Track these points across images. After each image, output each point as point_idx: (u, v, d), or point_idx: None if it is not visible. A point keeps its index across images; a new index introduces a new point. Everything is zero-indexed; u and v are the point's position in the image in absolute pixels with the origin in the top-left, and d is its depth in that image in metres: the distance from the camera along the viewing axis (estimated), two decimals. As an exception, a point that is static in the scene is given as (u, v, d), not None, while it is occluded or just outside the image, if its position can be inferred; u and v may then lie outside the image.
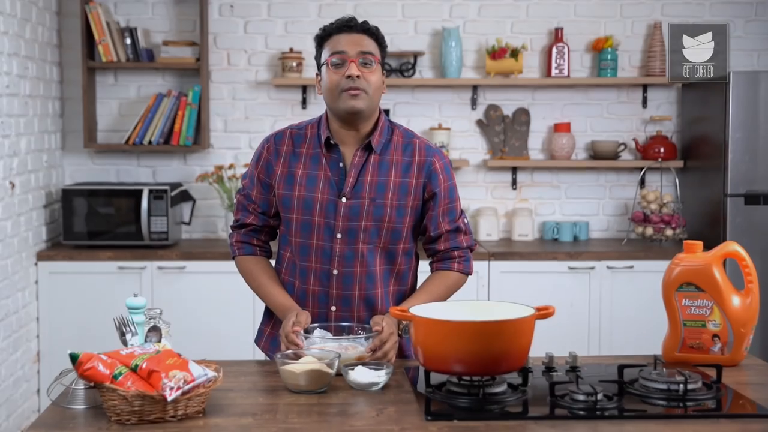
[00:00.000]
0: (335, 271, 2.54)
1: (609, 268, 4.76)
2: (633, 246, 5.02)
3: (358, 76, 2.44)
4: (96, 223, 4.81)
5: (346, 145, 2.54)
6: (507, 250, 4.85)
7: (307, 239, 2.55)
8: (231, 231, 2.70)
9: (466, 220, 2.64)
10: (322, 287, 2.55)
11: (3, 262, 4.22)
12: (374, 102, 2.50)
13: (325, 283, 2.55)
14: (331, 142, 2.53)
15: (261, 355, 2.75)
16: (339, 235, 2.52)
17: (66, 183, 5.13)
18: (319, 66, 2.56)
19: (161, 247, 4.78)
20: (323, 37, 2.54)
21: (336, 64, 2.47)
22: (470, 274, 2.67)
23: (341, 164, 2.53)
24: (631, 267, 4.76)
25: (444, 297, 2.58)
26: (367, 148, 2.54)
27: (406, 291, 2.63)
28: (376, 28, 2.55)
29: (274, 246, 2.71)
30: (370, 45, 2.50)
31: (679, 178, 5.18)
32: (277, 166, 2.57)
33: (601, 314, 4.77)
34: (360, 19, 2.53)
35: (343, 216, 2.51)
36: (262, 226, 2.65)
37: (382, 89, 2.53)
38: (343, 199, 2.51)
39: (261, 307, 2.74)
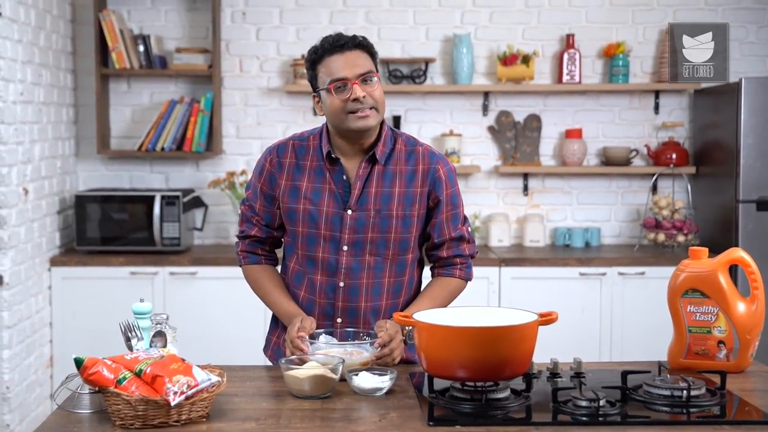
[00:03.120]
0: (341, 284, 2.54)
1: (620, 274, 4.75)
2: (645, 252, 5.01)
3: (364, 97, 2.43)
4: (109, 229, 4.84)
5: (348, 157, 2.54)
6: (518, 256, 4.85)
7: (313, 252, 2.55)
8: (237, 240, 2.71)
9: (469, 228, 2.65)
10: (328, 300, 2.56)
11: (17, 267, 4.26)
12: (382, 115, 2.51)
13: (331, 296, 2.56)
14: (333, 156, 2.53)
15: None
16: (345, 248, 2.53)
17: (79, 189, 5.17)
18: (314, 88, 2.52)
19: (173, 253, 4.80)
20: (315, 60, 2.49)
21: (339, 88, 2.44)
22: (470, 281, 2.68)
23: (344, 177, 2.53)
24: (643, 273, 4.75)
25: (445, 303, 2.59)
26: (371, 160, 2.53)
27: (412, 300, 2.63)
28: (363, 37, 2.52)
29: (279, 253, 2.73)
30: (366, 62, 2.47)
31: (691, 184, 5.16)
32: (280, 179, 2.57)
33: (612, 320, 4.76)
34: (360, 28, 2.53)
35: (350, 228, 2.52)
36: (266, 238, 2.66)
37: (384, 99, 2.52)
38: (349, 212, 2.51)
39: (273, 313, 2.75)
